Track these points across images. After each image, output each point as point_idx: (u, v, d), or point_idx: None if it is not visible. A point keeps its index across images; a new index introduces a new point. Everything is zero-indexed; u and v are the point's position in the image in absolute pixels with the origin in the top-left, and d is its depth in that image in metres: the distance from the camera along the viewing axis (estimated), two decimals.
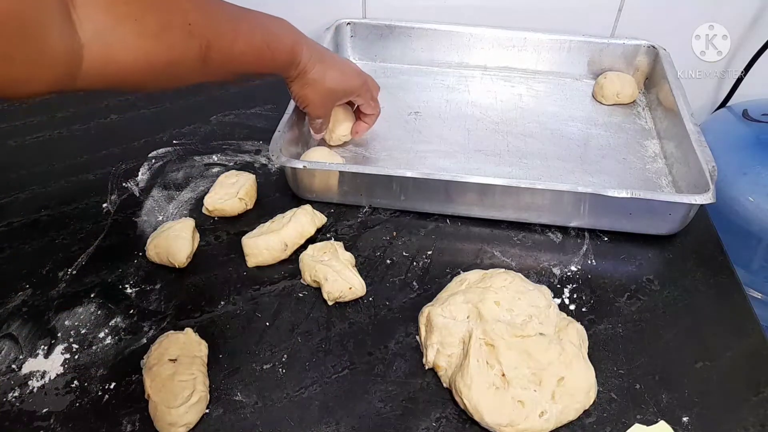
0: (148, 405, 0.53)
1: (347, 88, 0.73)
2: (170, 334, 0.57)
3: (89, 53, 0.43)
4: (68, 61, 0.42)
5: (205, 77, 0.58)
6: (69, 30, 0.42)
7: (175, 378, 0.53)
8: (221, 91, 0.95)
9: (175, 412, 0.51)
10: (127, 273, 0.66)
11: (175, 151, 0.83)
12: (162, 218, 0.73)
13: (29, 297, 0.63)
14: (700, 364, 0.58)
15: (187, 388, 0.52)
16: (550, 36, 0.93)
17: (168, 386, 0.52)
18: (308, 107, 0.72)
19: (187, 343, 0.56)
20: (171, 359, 0.54)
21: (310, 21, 0.99)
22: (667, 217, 0.68)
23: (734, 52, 0.94)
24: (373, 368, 0.57)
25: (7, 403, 0.54)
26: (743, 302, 0.64)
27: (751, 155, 0.87)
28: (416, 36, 0.95)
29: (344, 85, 0.72)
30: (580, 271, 0.67)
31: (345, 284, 0.62)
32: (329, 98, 0.72)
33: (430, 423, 0.53)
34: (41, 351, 0.58)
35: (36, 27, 0.39)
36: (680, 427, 0.53)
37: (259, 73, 0.66)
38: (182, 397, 0.52)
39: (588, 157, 0.81)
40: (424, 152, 0.81)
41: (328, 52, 0.72)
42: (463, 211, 0.72)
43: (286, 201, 0.74)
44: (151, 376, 0.53)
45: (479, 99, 0.91)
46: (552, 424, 0.52)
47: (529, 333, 0.56)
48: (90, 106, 0.91)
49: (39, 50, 0.39)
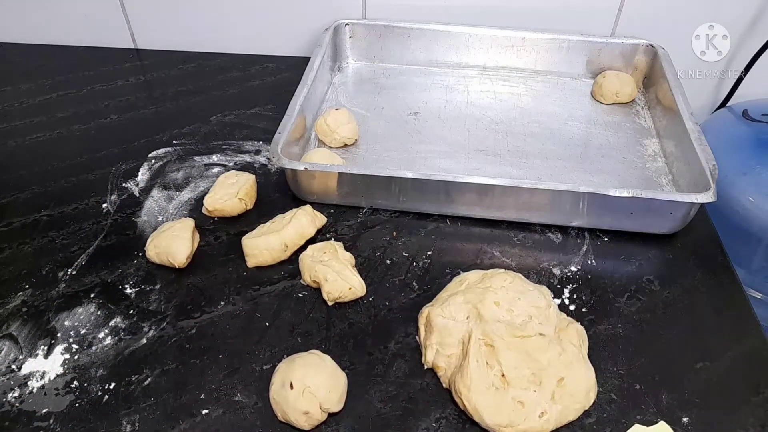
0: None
1: None
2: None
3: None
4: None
5: None
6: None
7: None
8: (221, 91, 0.95)
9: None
10: (127, 273, 0.66)
11: (175, 151, 0.83)
12: (162, 218, 0.73)
13: (29, 297, 0.63)
14: (700, 364, 0.58)
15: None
16: (549, 36, 0.93)
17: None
18: None
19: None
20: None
21: (309, 21, 0.99)
22: (668, 216, 0.68)
23: (734, 52, 0.94)
24: (372, 368, 0.57)
25: (7, 403, 0.54)
26: (743, 302, 0.64)
27: (751, 155, 0.87)
28: (415, 36, 0.95)
29: None
30: (580, 271, 0.67)
31: (345, 284, 0.62)
32: None
33: (430, 423, 0.53)
34: (41, 351, 0.58)
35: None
36: (680, 427, 0.53)
37: None
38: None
39: (588, 157, 0.81)
40: (424, 153, 0.81)
41: None
42: (463, 212, 0.72)
43: (286, 201, 0.74)
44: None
45: (478, 99, 0.91)
46: (552, 425, 0.52)
47: (528, 333, 0.56)
48: (90, 106, 0.91)
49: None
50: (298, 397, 0.51)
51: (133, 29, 1.04)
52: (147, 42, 1.05)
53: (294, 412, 0.51)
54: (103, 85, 0.96)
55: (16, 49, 1.05)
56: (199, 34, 1.03)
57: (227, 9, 1.00)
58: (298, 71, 0.85)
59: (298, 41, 1.02)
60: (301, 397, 0.51)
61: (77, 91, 0.95)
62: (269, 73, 0.99)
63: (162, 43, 1.05)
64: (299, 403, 0.51)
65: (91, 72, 0.99)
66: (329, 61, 0.93)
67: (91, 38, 1.05)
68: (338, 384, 0.53)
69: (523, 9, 0.95)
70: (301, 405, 0.51)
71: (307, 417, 0.51)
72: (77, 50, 1.05)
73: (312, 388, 0.51)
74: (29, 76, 0.98)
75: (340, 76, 0.96)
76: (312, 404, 0.51)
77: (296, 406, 0.51)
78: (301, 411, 0.51)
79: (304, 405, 0.51)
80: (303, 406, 0.51)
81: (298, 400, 0.51)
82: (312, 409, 0.51)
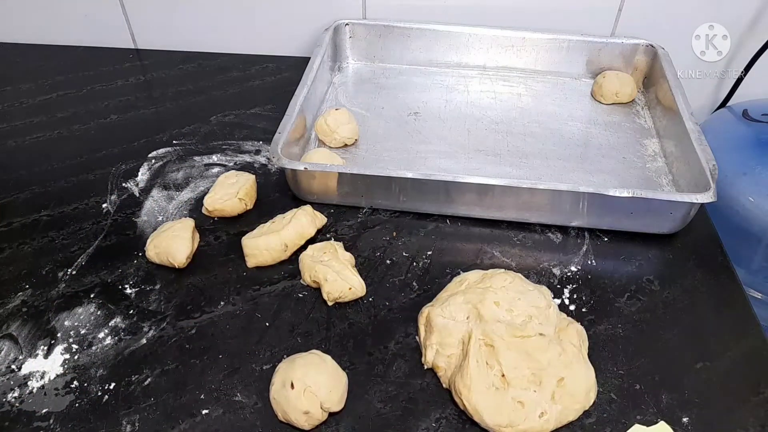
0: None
1: None
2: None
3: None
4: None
5: None
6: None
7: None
8: (221, 91, 0.95)
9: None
10: (127, 273, 0.66)
11: (175, 151, 0.83)
12: (162, 218, 0.72)
13: (29, 297, 0.63)
14: (700, 364, 0.58)
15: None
16: (549, 36, 0.93)
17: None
18: None
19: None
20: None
21: (309, 21, 0.99)
22: (669, 216, 0.68)
23: (734, 52, 0.94)
24: (372, 368, 0.57)
25: (7, 403, 0.54)
26: (743, 302, 0.64)
27: (751, 155, 0.87)
28: (415, 36, 0.95)
29: None
30: (580, 271, 0.67)
31: (345, 284, 0.62)
32: None
33: (430, 423, 0.53)
34: (41, 351, 0.58)
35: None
36: (680, 427, 0.53)
37: None
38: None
39: (588, 157, 0.81)
40: (424, 153, 0.81)
41: None
42: (463, 212, 0.72)
43: (286, 201, 0.74)
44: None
45: (478, 99, 0.91)
46: (552, 425, 0.52)
47: (528, 333, 0.56)
48: (90, 106, 0.91)
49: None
50: (299, 397, 0.51)
51: (133, 29, 1.04)
52: (147, 42, 1.05)
53: (295, 412, 0.51)
54: (103, 85, 0.96)
55: (16, 49, 1.05)
56: (199, 34, 1.03)
57: (227, 9, 1.00)
58: (298, 71, 0.85)
59: (298, 41, 1.02)
60: (302, 396, 0.51)
61: (77, 91, 0.95)
62: (269, 73, 0.99)
63: (162, 43, 1.05)
64: (300, 403, 0.51)
65: (91, 72, 0.99)
66: (329, 61, 0.93)
67: (91, 38, 1.05)
68: (339, 383, 0.53)
69: (523, 9, 0.95)
70: (302, 404, 0.51)
71: (308, 417, 0.51)
72: (77, 50, 1.05)
73: (313, 388, 0.51)
74: (29, 76, 0.98)
75: (340, 76, 0.96)
76: (313, 404, 0.51)
77: (297, 406, 0.51)
78: (301, 411, 0.51)
79: (305, 404, 0.51)
80: (304, 405, 0.51)
81: (299, 400, 0.51)
82: (313, 409, 0.51)
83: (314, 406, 0.51)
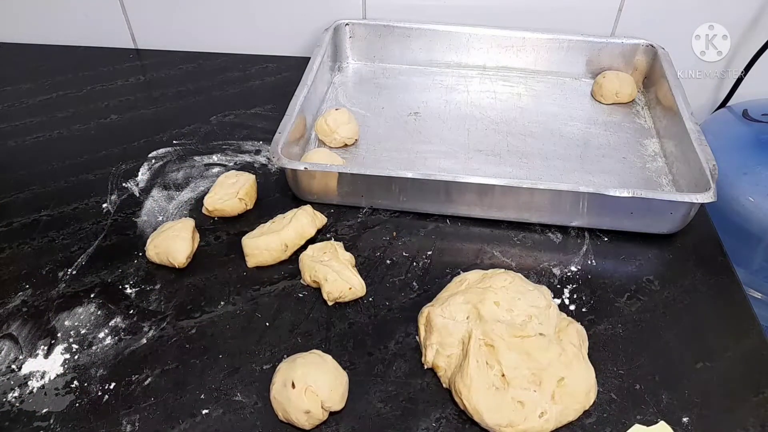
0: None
1: None
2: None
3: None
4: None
5: None
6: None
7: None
8: (221, 91, 0.95)
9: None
10: (127, 273, 0.66)
11: (175, 151, 0.83)
12: (162, 218, 0.72)
13: (29, 297, 0.63)
14: (700, 364, 0.58)
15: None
16: (549, 36, 0.93)
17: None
18: None
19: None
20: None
21: (309, 21, 0.99)
22: (669, 216, 0.68)
23: (734, 52, 0.94)
24: (373, 368, 0.57)
25: (7, 403, 0.54)
26: (743, 302, 0.64)
27: (751, 155, 0.87)
28: (415, 36, 0.95)
29: None
30: (580, 271, 0.67)
31: (345, 284, 0.62)
32: None
33: (430, 423, 0.53)
34: (41, 351, 0.58)
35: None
36: (680, 427, 0.53)
37: None
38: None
39: (588, 157, 0.81)
40: (424, 153, 0.81)
41: None
42: (463, 212, 0.72)
43: (286, 201, 0.74)
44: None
45: (478, 99, 0.91)
46: (552, 425, 0.52)
47: (528, 333, 0.56)
48: (90, 106, 0.91)
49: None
50: (300, 396, 0.51)
51: (133, 29, 1.04)
52: (147, 42, 1.05)
53: (295, 412, 0.51)
54: (103, 85, 0.96)
55: (16, 49, 1.05)
56: (199, 34, 1.03)
57: (227, 9, 1.00)
58: (298, 71, 0.85)
59: (298, 41, 1.02)
60: (303, 396, 0.51)
61: (77, 91, 0.95)
62: (269, 73, 0.99)
63: (162, 43, 1.05)
64: (301, 402, 0.51)
65: (91, 72, 0.99)
66: (329, 61, 0.93)
67: (91, 38, 1.05)
68: (340, 383, 0.53)
69: (523, 9, 0.95)
70: (303, 404, 0.51)
71: (309, 416, 0.51)
72: (77, 50, 1.05)
73: (314, 387, 0.51)
74: (29, 76, 0.98)
75: (340, 76, 0.96)
76: (314, 403, 0.51)
77: (298, 405, 0.51)
78: (302, 410, 0.51)
79: (306, 404, 0.51)
80: (305, 405, 0.51)
81: (300, 399, 0.51)
82: (314, 408, 0.51)
83: (315, 405, 0.51)
